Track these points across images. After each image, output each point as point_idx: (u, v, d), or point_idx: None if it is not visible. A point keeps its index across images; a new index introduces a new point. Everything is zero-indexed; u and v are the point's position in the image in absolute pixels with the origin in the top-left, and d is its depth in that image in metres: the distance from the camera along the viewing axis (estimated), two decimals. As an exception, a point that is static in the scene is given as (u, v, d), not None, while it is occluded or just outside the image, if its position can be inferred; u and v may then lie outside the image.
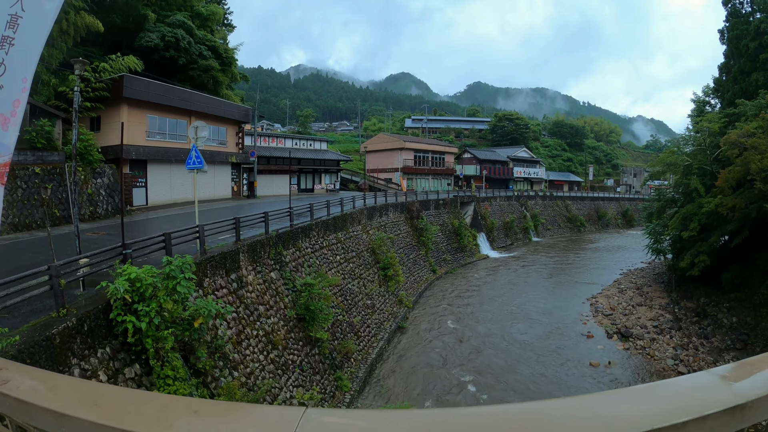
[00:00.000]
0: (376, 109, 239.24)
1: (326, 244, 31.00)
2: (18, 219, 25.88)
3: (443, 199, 62.84)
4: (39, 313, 11.48)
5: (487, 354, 29.86)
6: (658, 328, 33.74)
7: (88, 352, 11.29)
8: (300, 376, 21.19)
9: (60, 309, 11.21)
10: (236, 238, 21.36)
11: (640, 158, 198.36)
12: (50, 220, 27.88)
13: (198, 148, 19.79)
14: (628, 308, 39.07)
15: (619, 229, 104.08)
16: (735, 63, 41.29)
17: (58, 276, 11.03)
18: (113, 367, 11.82)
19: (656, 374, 27.29)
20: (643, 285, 45.70)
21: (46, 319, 10.91)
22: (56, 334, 10.40)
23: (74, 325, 11.02)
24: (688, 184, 35.16)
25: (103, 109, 36.09)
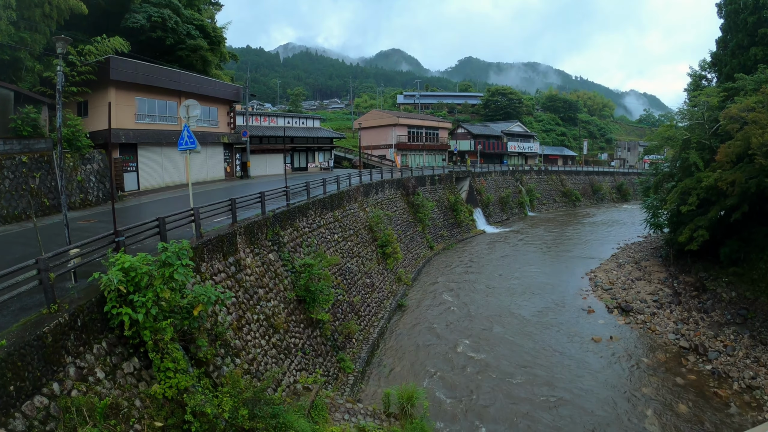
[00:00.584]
0: (367, 86, 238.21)
1: (323, 223, 30.56)
2: (6, 210, 24.94)
3: (439, 174, 62.24)
4: (29, 310, 10.85)
5: (489, 330, 29.77)
6: (658, 303, 33.68)
7: (83, 349, 10.67)
8: (303, 359, 20.81)
9: (51, 305, 10.54)
10: (232, 219, 20.77)
11: (634, 132, 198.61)
12: (40, 209, 27.21)
13: (190, 128, 19.08)
14: (627, 282, 39.02)
15: (614, 203, 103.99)
16: (733, 37, 40.66)
17: (47, 270, 10.38)
18: (110, 363, 11.19)
19: (658, 349, 27.25)
20: (641, 259, 45.58)
21: (36, 317, 10.27)
22: (48, 332, 9.73)
23: (67, 321, 10.34)
24: (687, 158, 34.74)
25: (90, 93, 35.28)
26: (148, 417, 11.02)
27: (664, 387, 23.00)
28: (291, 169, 64.29)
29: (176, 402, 11.83)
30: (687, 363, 25.57)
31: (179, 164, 41.76)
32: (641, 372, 24.56)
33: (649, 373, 24.44)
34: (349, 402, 19.29)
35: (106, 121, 35.64)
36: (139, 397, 11.26)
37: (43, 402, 9.08)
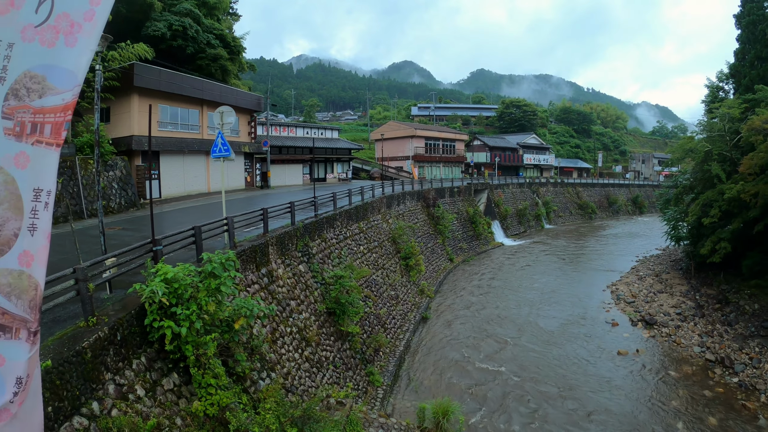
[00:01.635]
0: (380, 97, 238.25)
1: (349, 234, 30.03)
2: None
3: (457, 186, 61.68)
4: (62, 323, 10.22)
5: (515, 344, 29.38)
6: (681, 315, 33.23)
7: (122, 365, 10.08)
8: (333, 372, 20.28)
9: (89, 317, 9.89)
10: (264, 230, 20.28)
11: (648, 144, 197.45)
12: (62, 216, 26.76)
13: (223, 135, 18.59)
14: (649, 295, 38.52)
15: (630, 216, 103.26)
16: (751, 48, 40.36)
17: (85, 280, 9.68)
18: (150, 379, 10.56)
19: (684, 362, 26.94)
20: (662, 272, 44.96)
21: (73, 330, 9.60)
22: (87, 347, 9.10)
23: (106, 335, 9.73)
24: (708, 170, 34.28)
25: (113, 99, 35.13)
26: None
27: (693, 400, 22.76)
28: (309, 180, 63.97)
29: (217, 420, 11.23)
30: (714, 376, 25.29)
31: (200, 173, 41.50)
32: (669, 385, 24.27)
33: (677, 386, 24.18)
34: (381, 417, 18.70)
35: (128, 128, 35.72)
36: (180, 415, 10.66)
37: (82, 423, 8.43)
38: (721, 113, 35.64)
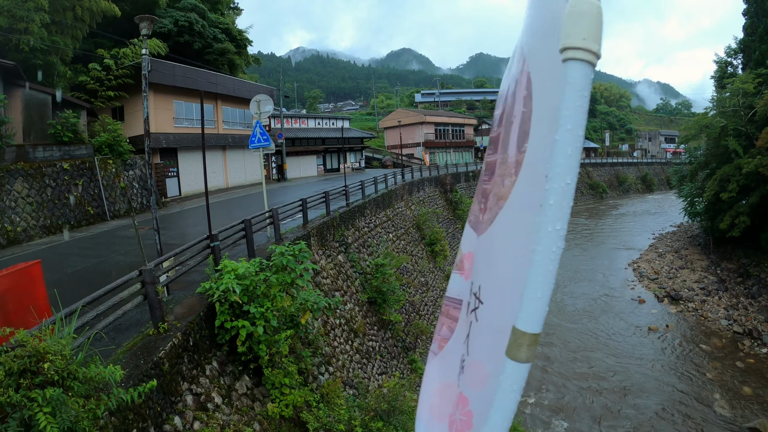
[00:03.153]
0: (381, 86, 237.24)
1: (378, 222, 29.76)
2: (50, 221, 24.21)
3: (472, 171, 61.25)
4: (125, 331, 9.65)
5: (547, 323, 28.86)
6: (705, 290, 33.70)
7: (196, 372, 9.60)
8: (380, 362, 20.08)
9: (159, 324, 9.33)
10: (303, 221, 19.96)
11: (653, 122, 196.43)
12: (84, 218, 26.45)
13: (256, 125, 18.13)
14: (671, 272, 39.02)
15: (640, 194, 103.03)
16: (759, 22, 39.99)
17: (153, 282, 9.17)
18: (225, 385, 10.14)
19: (713, 335, 27.54)
20: (680, 248, 45.35)
21: (142, 339, 9.08)
22: (164, 357, 8.57)
23: (180, 341, 9.26)
24: (725, 145, 34.20)
25: (128, 97, 34.68)
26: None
27: (726, 371, 23.39)
28: (324, 171, 63.70)
29: (292, 421, 10.89)
30: (743, 347, 25.97)
31: (218, 169, 41.20)
32: (702, 358, 24.91)
33: (709, 358, 24.80)
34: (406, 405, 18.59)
35: (142, 126, 35.08)
36: (257, 420, 10.26)
37: (166, 442, 7.92)
38: (734, 88, 35.62)
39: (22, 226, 22.56)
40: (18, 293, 8.04)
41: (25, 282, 8.29)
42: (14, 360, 5.68)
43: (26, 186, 23.63)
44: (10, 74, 25.54)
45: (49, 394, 5.54)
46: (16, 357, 5.72)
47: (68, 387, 5.92)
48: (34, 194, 23.89)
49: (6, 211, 22.07)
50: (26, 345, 5.86)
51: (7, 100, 23.60)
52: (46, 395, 5.52)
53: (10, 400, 5.45)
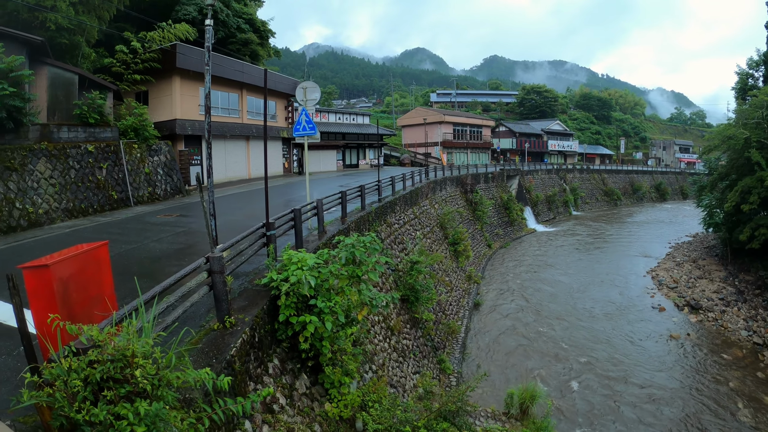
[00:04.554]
0: (395, 84, 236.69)
1: (407, 220, 29.28)
2: (72, 204, 23.62)
3: (492, 172, 60.83)
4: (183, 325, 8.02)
5: (570, 328, 29.61)
6: (724, 301, 33.27)
7: (260, 370, 8.86)
8: (414, 361, 19.53)
9: (225, 317, 8.48)
10: (342, 213, 19.32)
11: (667, 131, 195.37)
12: (108, 203, 25.84)
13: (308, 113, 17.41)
14: (689, 281, 38.58)
15: (654, 203, 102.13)
16: (783, 35, 39.68)
17: (221, 272, 8.27)
18: (287, 384, 9.37)
19: (734, 345, 27.37)
20: (698, 258, 44.96)
21: (206, 334, 8.24)
22: (235, 355, 7.79)
23: (249, 337, 8.50)
24: (748, 157, 33.71)
25: (153, 82, 34.16)
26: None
27: (748, 381, 23.21)
28: (342, 166, 63.09)
29: (347, 422, 10.18)
30: (763, 358, 25.80)
31: (241, 159, 40.75)
32: (722, 367, 24.68)
33: (730, 368, 24.60)
34: (468, 406, 17.93)
35: (168, 112, 34.70)
36: (317, 421, 9.54)
37: (238, 450, 7.09)
38: (758, 101, 35.20)
39: (44, 208, 21.99)
40: (83, 280, 6.71)
41: (90, 266, 6.99)
42: (94, 366, 4.64)
43: (49, 167, 23.06)
44: (37, 51, 24.81)
45: (144, 409, 4.52)
46: (97, 362, 4.66)
47: (159, 397, 4.90)
48: (57, 176, 23.32)
49: (28, 192, 21.48)
50: (104, 346, 4.81)
51: (33, 76, 22.90)
52: (140, 411, 4.51)
53: (90, 418, 4.40)
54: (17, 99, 21.23)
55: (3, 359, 7.91)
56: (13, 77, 21.00)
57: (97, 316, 6.21)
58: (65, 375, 4.58)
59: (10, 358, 7.93)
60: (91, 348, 4.78)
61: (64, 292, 6.11)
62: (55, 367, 4.63)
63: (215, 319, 8.68)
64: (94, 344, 4.84)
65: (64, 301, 6.13)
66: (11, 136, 22.25)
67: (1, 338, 8.83)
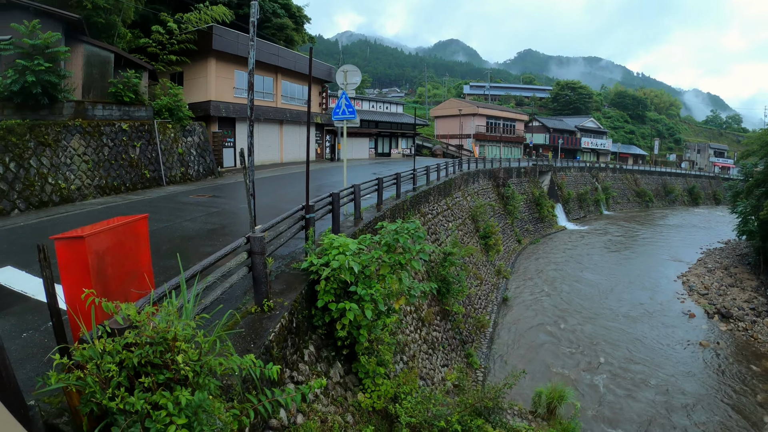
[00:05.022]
0: (427, 75, 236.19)
1: (440, 210, 28.81)
2: (105, 181, 23.65)
3: (524, 167, 60.29)
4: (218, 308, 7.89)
5: (598, 329, 29.18)
6: (756, 311, 32.60)
7: (296, 357, 8.48)
8: (443, 354, 19.17)
9: (264, 301, 8.13)
10: (378, 200, 19.00)
11: (702, 134, 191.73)
12: (140, 182, 25.79)
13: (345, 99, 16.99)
14: (721, 288, 37.87)
15: (686, 206, 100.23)
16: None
17: (262, 253, 7.93)
18: (321, 372, 9.03)
19: (764, 357, 26.63)
20: (729, 265, 44.36)
21: (243, 317, 7.86)
22: (274, 340, 7.43)
23: (287, 322, 8.13)
24: None
25: (189, 63, 34.15)
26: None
27: None
28: (375, 154, 62.83)
29: (379, 413, 9.81)
30: None
31: (274, 143, 40.72)
32: (751, 379, 24.04)
33: (759, 380, 23.92)
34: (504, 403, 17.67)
35: (203, 93, 34.64)
36: (350, 411, 9.18)
37: (275, 441, 6.72)
38: None
39: (76, 185, 22.05)
40: (120, 254, 6.35)
41: (128, 240, 6.65)
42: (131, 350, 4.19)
43: (83, 143, 23.10)
44: (73, 29, 24.89)
45: (185, 399, 4.06)
46: (134, 345, 4.21)
47: (200, 386, 4.46)
48: (90, 152, 23.37)
49: (60, 168, 21.54)
50: (142, 327, 4.36)
51: (69, 53, 22.85)
52: (180, 400, 4.05)
53: (125, 407, 3.95)
54: (52, 75, 21.27)
55: (29, 334, 7.74)
56: (49, 53, 21.05)
57: (133, 294, 5.91)
58: (98, 358, 4.17)
59: (37, 333, 7.77)
60: (128, 329, 4.36)
61: (99, 267, 5.74)
62: (87, 348, 4.20)
63: (252, 302, 8.40)
64: (130, 324, 4.43)
65: (99, 276, 5.74)
66: (46, 112, 22.28)
67: (29, 312, 8.66)
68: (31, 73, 20.34)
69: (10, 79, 20.38)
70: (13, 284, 10.04)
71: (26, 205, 19.40)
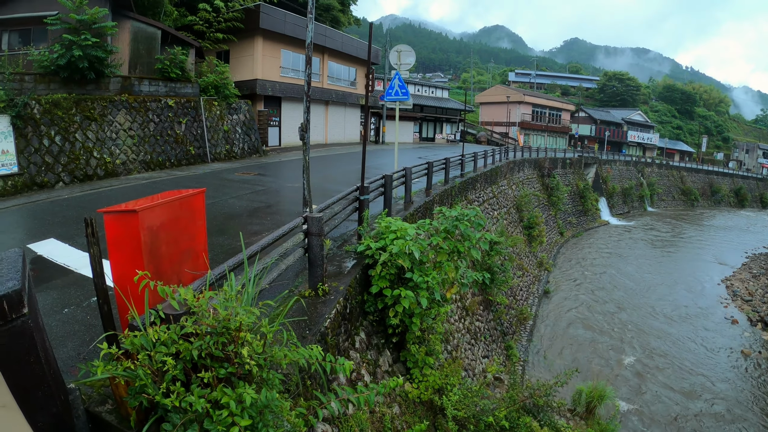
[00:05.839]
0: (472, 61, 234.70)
1: (486, 198, 28.30)
2: (150, 156, 23.86)
3: (570, 158, 59.12)
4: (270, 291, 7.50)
5: (636, 327, 28.72)
6: None
7: (348, 345, 8.14)
8: (484, 345, 18.82)
9: (319, 285, 7.75)
10: (428, 185, 18.59)
11: (751, 133, 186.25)
12: (185, 158, 25.81)
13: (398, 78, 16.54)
14: (765, 296, 36.38)
15: (732, 208, 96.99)
16: None
17: (320, 234, 7.56)
18: (372, 360, 8.70)
19: None
20: None
21: (295, 302, 7.14)
22: (329, 327, 7.05)
23: (341, 308, 7.73)
24: None
25: (235, 41, 34.19)
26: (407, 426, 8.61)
27: None
28: (419, 139, 62.37)
29: (425, 405, 9.44)
30: None
31: (319, 123, 40.73)
32: None
33: None
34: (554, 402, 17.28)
35: (248, 72, 34.59)
36: (397, 402, 8.81)
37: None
38: None
39: (121, 159, 22.29)
40: (175, 231, 5.88)
41: (184, 216, 6.17)
42: (190, 340, 3.77)
43: (129, 119, 23.28)
44: (120, 5, 25.11)
45: (250, 397, 3.57)
46: (194, 335, 3.79)
47: (265, 381, 4.03)
48: (136, 128, 23.58)
49: (106, 142, 21.77)
50: (199, 314, 3.90)
51: (116, 29, 22.86)
52: (244, 399, 3.57)
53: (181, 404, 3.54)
54: (99, 50, 21.30)
55: (71, 310, 7.53)
56: (96, 29, 21.15)
57: (187, 275, 5.54)
58: (150, 347, 3.74)
59: (79, 309, 7.56)
60: (184, 315, 3.97)
61: (152, 244, 5.30)
62: (138, 336, 3.77)
63: (305, 285, 8.06)
64: (187, 310, 4.02)
65: (152, 254, 5.31)
66: (92, 87, 22.36)
67: (71, 287, 8.47)
68: (78, 48, 20.36)
69: (57, 54, 20.48)
70: (55, 257, 9.95)
71: (71, 178, 19.60)
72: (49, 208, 14.95)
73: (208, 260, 6.42)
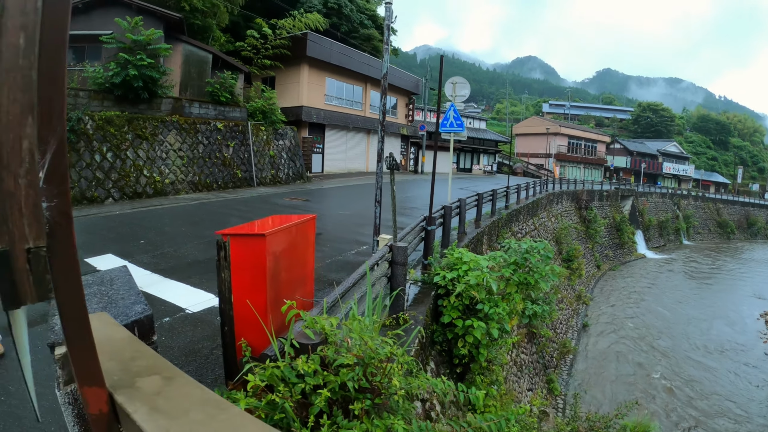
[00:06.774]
0: (506, 92, 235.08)
1: (528, 230, 28.37)
2: (198, 177, 24.51)
3: (606, 190, 58.71)
4: None
5: (678, 364, 28.29)
6: None
7: None
8: (528, 377, 18.87)
9: (401, 314, 7.79)
10: (477, 216, 18.88)
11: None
12: (231, 181, 26.40)
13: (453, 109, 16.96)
14: None
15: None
16: None
17: (404, 264, 7.63)
18: (441, 389, 8.84)
19: None
20: None
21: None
22: (414, 356, 7.06)
23: (422, 337, 7.84)
24: None
25: (282, 68, 34.79)
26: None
27: None
28: (456, 169, 62.66)
29: (485, 436, 9.63)
30: None
31: (361, 151, 41.25)
32: None
33: None
34: (576, 432, 17.28)
35: (294, 98, 35.38)
36: (462, 431, 9.02)
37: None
38: None
39: (170, 179, 22.96)
40: (293, 257, 5.99)
41: (301, 242, 6.29)
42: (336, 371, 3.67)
43: (179, 139, 24.01)
44: (173, 28, 26.16)
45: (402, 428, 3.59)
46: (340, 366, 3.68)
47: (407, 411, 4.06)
48: (185, 149, 24.28)
49: (156, 161, 22.45)
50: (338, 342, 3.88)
51: (171, 51, 23.68)
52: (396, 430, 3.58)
53: None
54: (154, 70, 22.16)
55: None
56: (151, 50, 22.00)
57: (299, 301, 5.81)
58: (292, 378, 3.60)
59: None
60: (320, 344, 3.89)
61: (274, 269, 5.37)
62: (282, 367, 3.64)
63: (383, 313, 8.16)
64: (324, 339, 3.96)
65: (273, 279, 5.34)
66: (144, 106, 23.16)
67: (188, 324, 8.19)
68: (134, 67, 21.14)
69: (113, 72, 21.25)
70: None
71: (120, 194, 20.27)
72: (103, 223, 15.41)
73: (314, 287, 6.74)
